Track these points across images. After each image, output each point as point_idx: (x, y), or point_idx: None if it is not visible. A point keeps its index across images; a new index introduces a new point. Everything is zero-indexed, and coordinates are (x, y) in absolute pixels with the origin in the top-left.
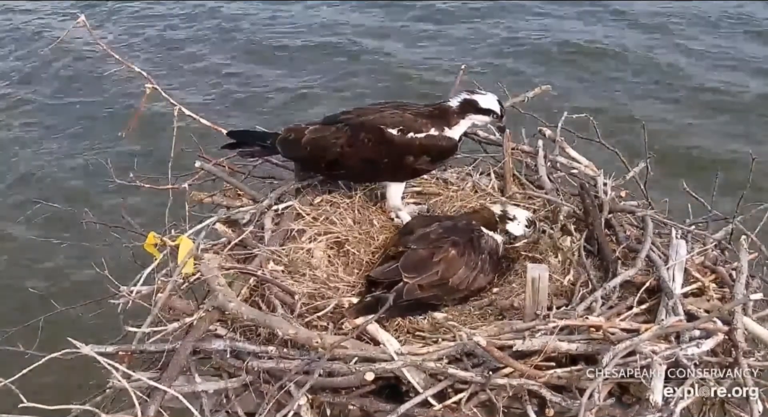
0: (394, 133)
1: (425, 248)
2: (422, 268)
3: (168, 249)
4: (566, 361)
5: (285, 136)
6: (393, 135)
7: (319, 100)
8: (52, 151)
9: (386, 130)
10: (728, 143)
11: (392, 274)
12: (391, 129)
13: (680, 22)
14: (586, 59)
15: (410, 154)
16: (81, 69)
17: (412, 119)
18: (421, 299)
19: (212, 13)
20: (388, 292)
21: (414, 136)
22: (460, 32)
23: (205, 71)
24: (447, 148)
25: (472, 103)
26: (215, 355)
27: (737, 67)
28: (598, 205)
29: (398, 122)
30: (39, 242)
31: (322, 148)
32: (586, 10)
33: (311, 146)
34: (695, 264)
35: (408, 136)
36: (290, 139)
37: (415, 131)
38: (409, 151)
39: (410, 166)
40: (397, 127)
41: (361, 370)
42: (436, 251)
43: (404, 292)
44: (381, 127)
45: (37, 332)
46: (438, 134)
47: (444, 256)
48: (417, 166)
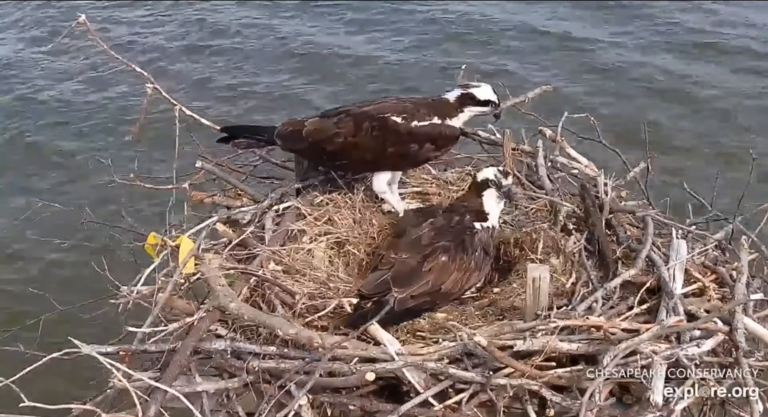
0: (399, 121)
1: (415, 257)
2: (413, 279)
3: (168, 249)
4: (567, 361)
5: (283, 128)
6: (398, 123)
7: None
8: (52, 150)
9: (391, 118)
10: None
11: (382, 287)
12: (395, 117)
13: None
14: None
15: (415, 142)
16: (82, 69)
17: (414, 109)
18: (414, 307)
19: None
20: (378, 305)
21: (418, 124)
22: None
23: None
24: (450, 136)
25: (469, 96)
26: (216, 355)
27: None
28: (598, 205)
29: (402, 110)
30: (39, 242)
31: (324, 138)
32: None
33: (312, 137)
34: (696, 264)
35: (412, 124)
36: (289, 131)
37: (418, 119)
38: (413, 139)
39: (414, 154)
40: (401, 115)
41: (362, 371)
42: (426, 259)
43: (395, 304)
44: (385, 116)
45: (38, 332)
46: (441, 122)
47: (434, 265)
48: (421, 154)
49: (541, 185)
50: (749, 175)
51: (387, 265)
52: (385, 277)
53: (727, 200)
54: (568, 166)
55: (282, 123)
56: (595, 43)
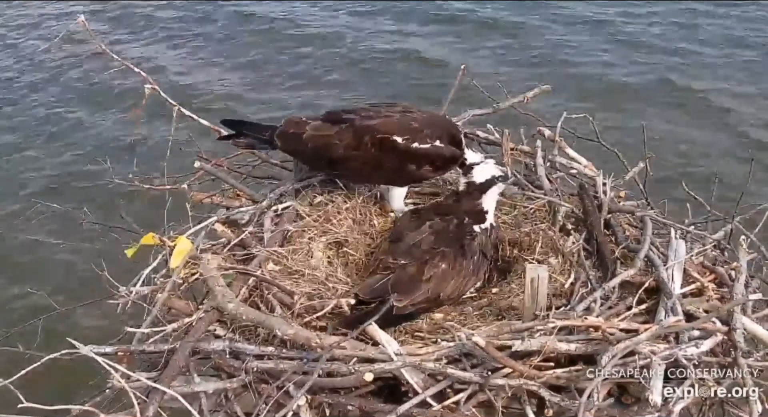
0: (399, 141)
1: (414, 263)
2: (412, 287)
3: (167, 249)
4: (565, 361)
5: (285, 129)
6: (398, 143)
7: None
8: (52, 150)
9: (391, 138)
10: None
11: (381, 292)
12: (396, 136)
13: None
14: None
15: (413, 163)
16: (83, 68)
17: (418, 129)
18: (412, 312)
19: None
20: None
21: (419, 147)
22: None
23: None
24: (450, 158)
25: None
26: (214, 355)
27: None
28: (597, 205)
29: (405, 130)
30: (39, 242)
31: (324, 146)
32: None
33: (313, 144)
34: (694, 264)
35: (413, 146)
36: (290, 133)
37: (420, 142)
38: (412, 160)
39: (411, 173)
40: (404, 136)
41: (360, 371)
42: (425, 267)
43: (394, 311)
44: (386, 135)
45: (37, 332)
46: (443, 146)
47: (434, 273)
48: (419, 174)
49: (540, 185)
50: (749, 175)
51: (385, 270)
52: (383, 283)
53: (726, 202)
54: (567, 166)
55: (284, 121)
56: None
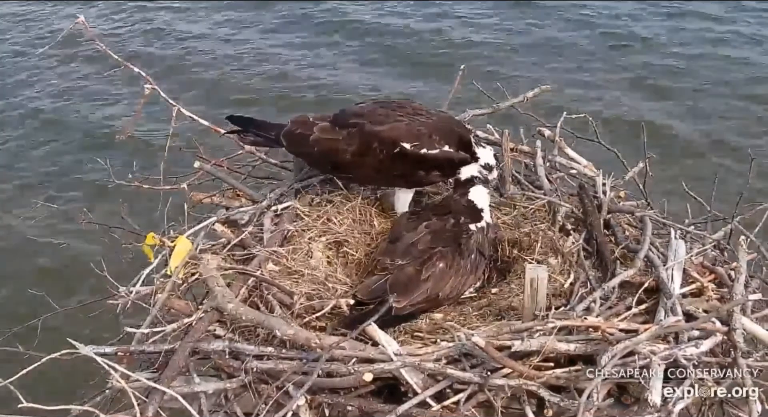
0: (408, 148)
1: (412, 264)
2: (411, 288)
3: (167, 249)
4: (565, 361)
5: (291, 129)
6: (406, 149)
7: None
8: (52, 150)
9: (400, 145)
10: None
11: (379, 292)
12: (404, 143)
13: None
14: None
15: (422, 169)
16: (83, 69)
17: (426, 135)
18: (410, 313)
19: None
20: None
21: (427, 152)
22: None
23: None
24: (459, 162)
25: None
26: (214, 355)
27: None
28: (597, 205)
29: (413, 136)
30: (38, 242)
31: (331, 151)
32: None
33: (320, 147)
34: (694, 264)
35: (421, 152)
36: (297, 133)
37: (428, 147)
38: (421, 166)
39: (420, 179)
40: (412, 142)
41: (360, 371)
42: (423, 267)
43: (392, 312)
44: (394, 141)
45: (37, 332)
46: (452, 150)
47: (432, 273)
48: (428, 178)
49: (540, 185)
50: (748, 174)
51: (383, 271)
52: (381, 284)
53: (725, 204)
54: (567, 166)
55: (291, 120)
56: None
